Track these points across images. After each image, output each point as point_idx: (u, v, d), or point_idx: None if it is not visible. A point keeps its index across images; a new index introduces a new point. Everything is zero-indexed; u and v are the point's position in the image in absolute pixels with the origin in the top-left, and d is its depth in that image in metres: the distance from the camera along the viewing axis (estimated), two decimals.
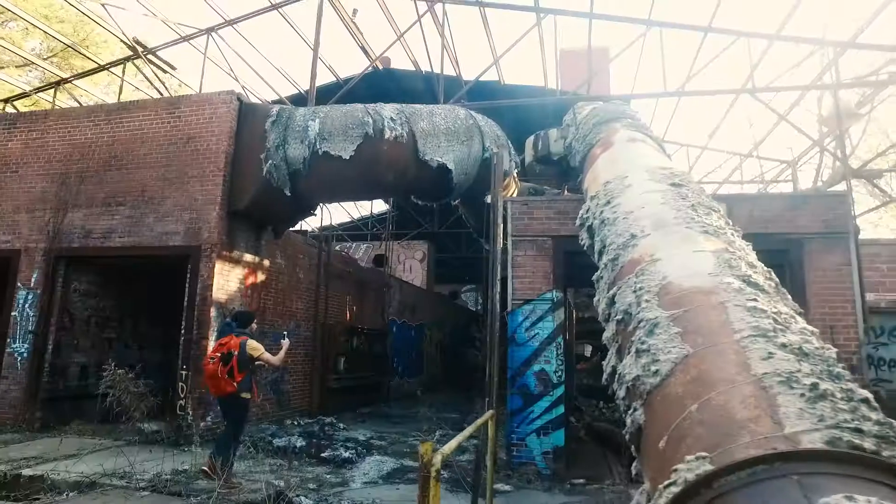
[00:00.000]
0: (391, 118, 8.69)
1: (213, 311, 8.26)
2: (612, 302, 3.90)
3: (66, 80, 13.24)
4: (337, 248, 17.69)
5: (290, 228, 10.19)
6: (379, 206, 24.91)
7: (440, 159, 8.98)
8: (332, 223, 19.56)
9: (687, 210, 4.58)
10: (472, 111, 9.81)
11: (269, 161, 8.37)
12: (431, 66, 12.13)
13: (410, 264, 19.54)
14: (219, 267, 8.40)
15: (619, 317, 3.68)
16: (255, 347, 5.97)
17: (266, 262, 9.71)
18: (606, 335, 4.37)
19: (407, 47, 13.23)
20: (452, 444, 3.31)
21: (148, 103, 9.37)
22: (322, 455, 7.30)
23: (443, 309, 21.81)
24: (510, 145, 10.41)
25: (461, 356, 20.73)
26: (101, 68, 13.00)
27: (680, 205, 4.71)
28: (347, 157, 8.30)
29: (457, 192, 9.66)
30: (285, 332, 6.84)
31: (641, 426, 2.83)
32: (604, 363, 4.12)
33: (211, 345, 8.20)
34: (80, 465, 6.41)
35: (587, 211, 5.93)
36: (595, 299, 4.68)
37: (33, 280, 9.15)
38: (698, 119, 46.13)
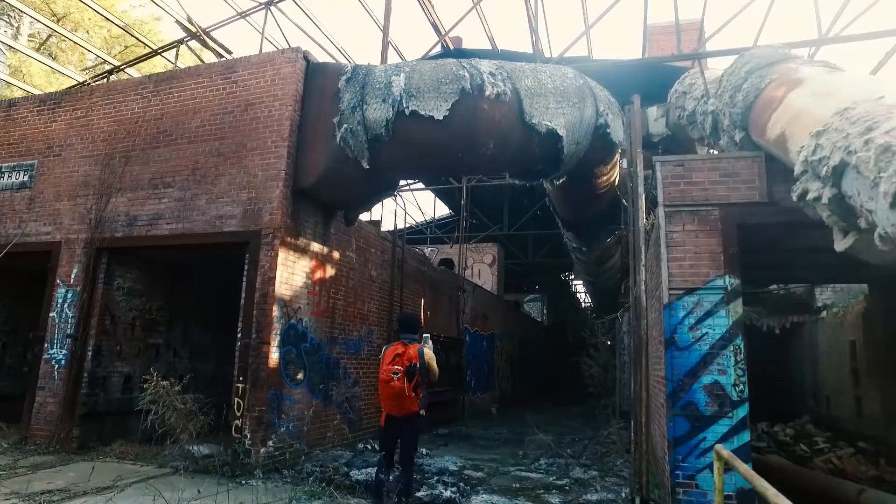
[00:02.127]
0: (490, 73, 7.05)
1: (275, 311, 6.74)
2: None
3: (118, 68, 12.32)
4: None
5: (364, 214, 8.65)
6: (441, 209, 23.42)
7: (549, 124, 7.25)
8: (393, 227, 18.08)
9: None
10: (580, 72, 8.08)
11: (344, 125, 6.85)
12: (533, 38, 9.88)
13: (479, 269, 17.79)
14: (282, 256, 6.90)
15: None
16: (431, 356, 5.01)
17: (336, 255, 8.18)
18: None
19: (483, 17, 11.67)
20: None
21: (201, 69, 8.07)
22: (417, 494, 5.58)
23: (513, 318, 19.93)
24: (623, 114, 8.59)
25: (566, 367, 18.79)
26: (154, 53, 12.00)
27: None
28: (441, 118, 6.69)
29: (565, 167, 7.89)
30: (427, 335, 5.38)
31: None
32: None
33: (274, 352, 6.68)
34: None
35: (813, 151, 4.06)
36: None
37: (73, 276, 7.92)
38: None
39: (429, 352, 5.01)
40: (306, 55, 7.51)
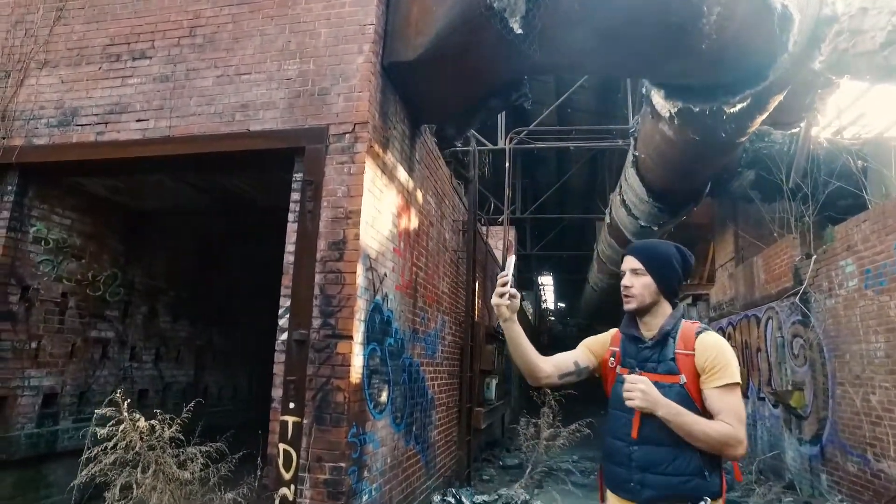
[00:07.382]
0: None
1: (359, 274, 3.58)
2: None
3: None
4: None
5: (467, 133, 5.55)
6: None
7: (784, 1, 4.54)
8: None
9: None
10: None
11: None
12: None
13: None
14: (370, 175, 3.75)
15: None
16: None
17: (419, 195, 5.07)
18: None
19: None
20: None
21: None
22: None
23: (521, 316, 17.23)
24: None
25: None
26: None
27: None
28: None
29: (773, 76, 5.17)
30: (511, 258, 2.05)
31: None
32: None
33: (358, 353, 3.55)
34: None
35: None
36: None
37: None
38: None
39: None
40: None
